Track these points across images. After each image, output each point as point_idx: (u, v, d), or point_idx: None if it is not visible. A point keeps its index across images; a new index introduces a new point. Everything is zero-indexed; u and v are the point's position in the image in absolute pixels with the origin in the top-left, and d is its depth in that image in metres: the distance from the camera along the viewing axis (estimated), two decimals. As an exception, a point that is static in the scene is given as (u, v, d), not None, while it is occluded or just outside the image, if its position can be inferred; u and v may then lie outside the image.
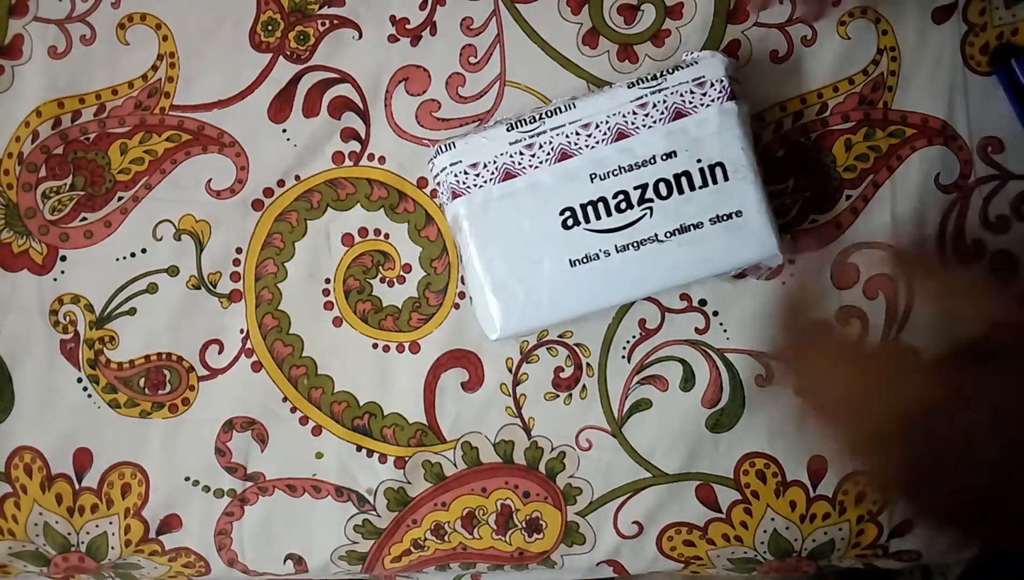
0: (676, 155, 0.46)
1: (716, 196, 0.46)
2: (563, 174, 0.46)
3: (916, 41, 0.51)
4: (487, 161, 0.47)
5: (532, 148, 0.46)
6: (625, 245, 0.46)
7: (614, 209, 0.46)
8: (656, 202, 0.46)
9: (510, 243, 0.47)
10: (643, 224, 0.46)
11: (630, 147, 0.46)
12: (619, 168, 0.46)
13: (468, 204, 0.47)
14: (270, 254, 0.52)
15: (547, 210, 0.46)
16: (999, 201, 0.51)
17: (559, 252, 0.46)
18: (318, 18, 0.51)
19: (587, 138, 0.46)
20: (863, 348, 0.42)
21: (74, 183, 0.52)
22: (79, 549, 0.53)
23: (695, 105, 0.46)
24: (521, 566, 0.54)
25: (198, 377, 0.52)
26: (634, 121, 0.46)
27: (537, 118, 0.47)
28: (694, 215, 0.46)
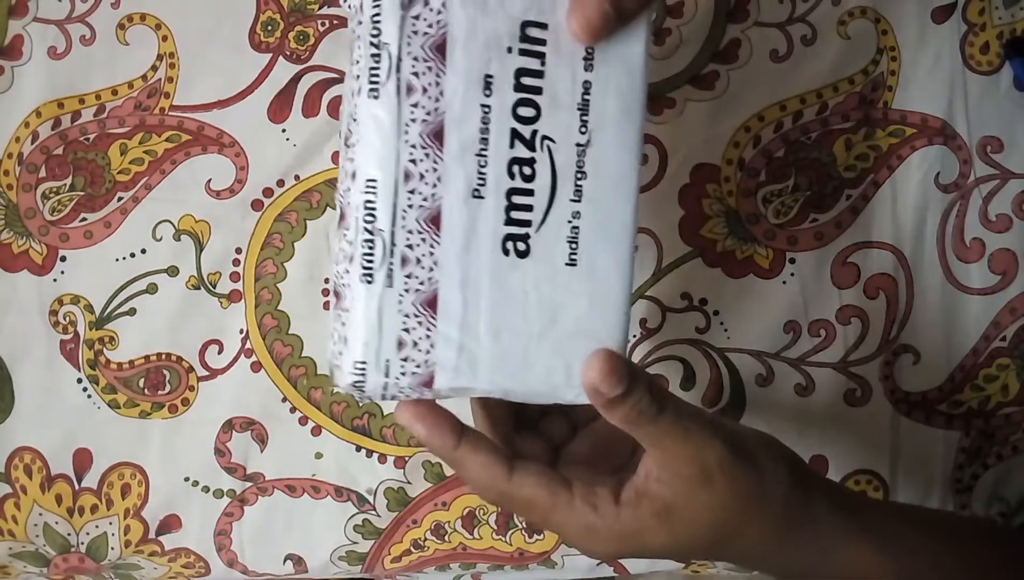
0: (492, 78, 0.32)
1: (558, 46, 0.33)
2: (460, 236, 0.33)
3: (916, 41, 0.51)
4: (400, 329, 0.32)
5: (407, 261, 0.32)
6: (576, 189, 0.34)
7: (523, 180, 0.33)
8: (539, 124, 0.33)
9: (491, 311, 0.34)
10: (560, 152, 0.33)
11: (451, 140, 0.32)
12: (474, 156, 0.32)
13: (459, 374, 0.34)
14: (270, 254, 0.52)
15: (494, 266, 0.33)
16: (999, 200, 0.51)
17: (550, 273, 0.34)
18: (318, 18, 0.51)
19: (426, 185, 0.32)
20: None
21: (74, 183, 0.52)
22: (79, 550, 0.53)
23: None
24: (521, 566, 0.54)
25: (198, 377, 0.52)
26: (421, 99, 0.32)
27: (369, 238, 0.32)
28: (571, 84, 0.33)
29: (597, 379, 0.33)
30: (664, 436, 0.34)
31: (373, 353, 0.32)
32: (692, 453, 0.34)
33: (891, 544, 0.37)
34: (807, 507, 0.36)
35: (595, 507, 0.34)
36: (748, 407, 0.52)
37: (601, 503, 0.34)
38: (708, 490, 0.34)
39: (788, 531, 0.35)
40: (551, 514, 0.35)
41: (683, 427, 0.34)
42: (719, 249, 0.51)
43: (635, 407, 0.33)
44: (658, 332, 0.52)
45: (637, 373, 0.33)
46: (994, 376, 0.52)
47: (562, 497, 0.35)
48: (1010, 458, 0.53)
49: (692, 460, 0.34)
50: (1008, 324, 0.52)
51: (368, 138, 0.32)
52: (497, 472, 0.35)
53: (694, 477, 0.34)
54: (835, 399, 0.52)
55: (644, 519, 0.34)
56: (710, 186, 0.51)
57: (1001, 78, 0.51)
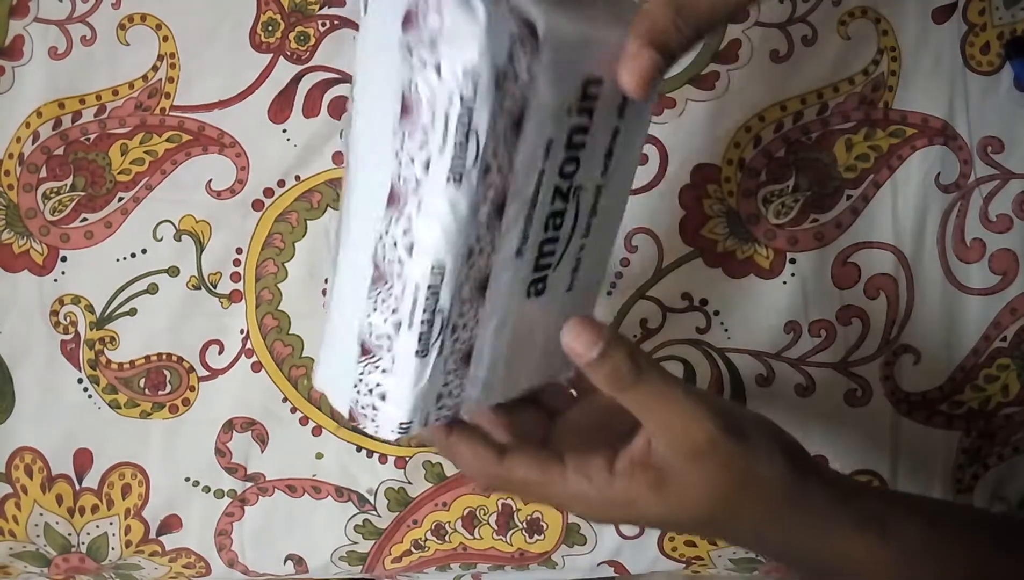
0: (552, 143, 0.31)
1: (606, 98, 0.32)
2: (500, 294, 0.32)
3: (916, 41, 0.51)
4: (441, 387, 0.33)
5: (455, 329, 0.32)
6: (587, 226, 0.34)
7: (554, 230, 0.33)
8: (577, 177, 0.32)
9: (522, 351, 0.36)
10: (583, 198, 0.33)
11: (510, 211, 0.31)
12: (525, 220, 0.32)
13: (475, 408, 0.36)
14: (270, 254, 0.52)
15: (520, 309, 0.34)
16: (1000, 200, 0.51)
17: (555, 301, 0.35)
18: (318, 18, 0.52)
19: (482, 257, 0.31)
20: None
21: (75, 184, 0.52)
22: (79, 550, 0.53)
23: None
24: (522, 566, 0.54)
25: (198, 377, 0.52)
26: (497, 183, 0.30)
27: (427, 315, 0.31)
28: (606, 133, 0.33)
29: (573, 340, 0.34)
30: (651, 401, 0.34)
31: (420, 414, 0.33)
32: (683, 426, 0.34)
33: (891, 532, 0.36)
34: (804, 491, 0.35)
35: (589, 478, 0.35)
36: (748, 407, 0.52)
37: (595, 473, 0.35)
38: (699, 465, 0.34)
39: (784, 512, 0.35)
40: (546, 490, 0.36)
41: (671, 394, 0.34)
42: (720, 249, 0.51)
43: (616, 370, 0.34)
44: (658, 332, 0.52)
45: (614, 337, 0.34)
46: (995, 376, 0.52)
47: (555, 472, 0.35)
48: (1011, 458, 0.53)
49: (684, 433, 0.34)
50: (1008, 324, 0.52)
51: (440, 223, 0.29)
52: (488, 457, 0.36)
53: (686, 451, 0.34)
54: (836, 399, 0.52)
55: (637, 489, 0.35)
56: (711, 186, 0.51)
57: (1002, 78, 0.51)
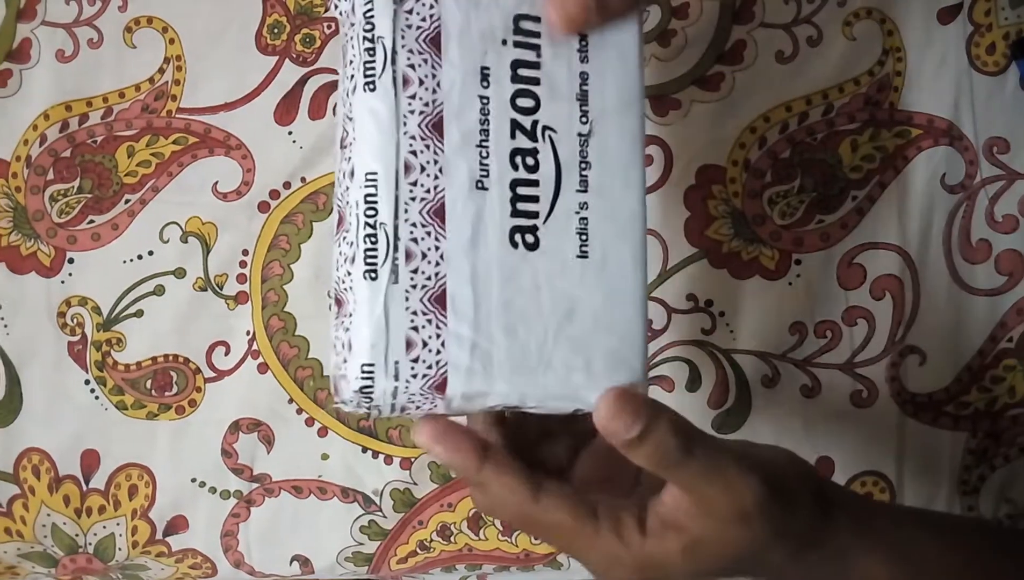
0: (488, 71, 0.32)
1: (552, 41, 0.33)
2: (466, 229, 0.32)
3: (922, 41, 0.51)
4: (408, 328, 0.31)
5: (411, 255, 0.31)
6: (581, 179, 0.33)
7: (527, 171, 0.32)
8: (539, 115, 0.32)
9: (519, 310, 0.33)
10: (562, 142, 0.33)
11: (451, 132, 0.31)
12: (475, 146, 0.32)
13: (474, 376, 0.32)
14: (276, 256, 0.52)
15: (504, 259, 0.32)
16: (1005, 201, 0.51)
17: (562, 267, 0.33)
18: (324, 20, 0.52)
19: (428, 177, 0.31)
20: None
21: (81, 186, 0.52)
22: (87, 550, 0.54)
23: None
24: (527, 567, 0.54)
25: (204, 379, 0.52)
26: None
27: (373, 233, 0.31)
28: (568, 75, 0.33)
29: (607, 419, 0.30)
30: (697, 479, 0.31)
31: (381, 354, 0.30)
32: (729, 495, 0.31)
33: (905, 555, 0.36)
34: (827, 525, 0.35)
35: (620, 536, 0.32)
36: (754, 408, 0.52)
37: (627, 532, 0.32)
38: (743, 528, 0.32)
39: (809, 553, 0.35)
40: (575, 540, 0.33)
41: (720, 470, 0.31)
42: (725, 250, 0.51)
43: (658, 449, 0.30)
44: (664, 333, 0.52)
45: (656, 411, 0.30)
46: (1001, 377, 0.52)
47: (588, 524, 0.33)
48: (1017, 459, 0.53)
49: (729, 502, 0.31)
50: (1015, 325, 0.52)
51: (366, 132, 0.31)
52: (523, 495, 0.32)
53: (729, 517, 0.32)
54: (841, 400, 0.52)
55: (670, 552, 0.32)
56: (716, 187, 0.51)
57: (1007, 79, 0.51)
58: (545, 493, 0.33)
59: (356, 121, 0.32)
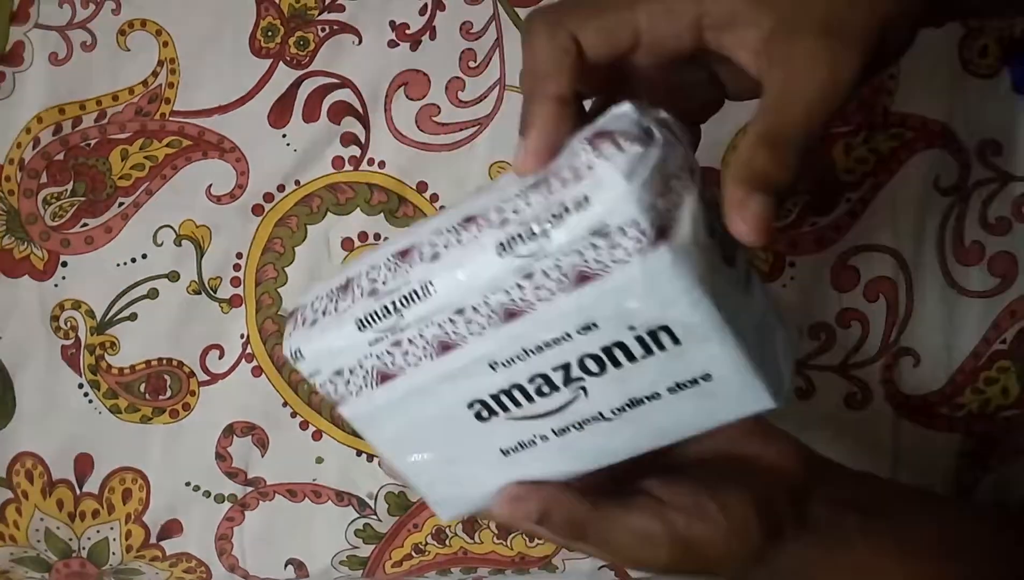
0: (597, 326, 0.31)
1: (670, 362, 0.31)
2: (452, 369, 0.32)
3: (915, 44, 0.51)
4: (350, 367, 0.33)
5: (400, 345, 0.32)
6: (564, 427, 0.34)
7: (535, 394, 0.33)
8: (588, 379, 0.32)
9: (426, 443, 0.35)
10: (579, 404, 0.33)
11: (527, 330, 0.31)
12: (523, 352, 0.32)
13: (353, 413, 0.35)
14: (270, 259, 0.52)
15: (450, 406, 0.33)
16: (999, 203, 0.51)
17: (484, 445, 0.34)
18: (318, 24, 0.52)
19: (466, 325, 0.31)
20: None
21: (75, 189, 0.52)
22: (80, 555, 0.53)
23: (604, 264, 0.29)
24: (522, 570, 0.54)
25: (199, 382, 0.52)
26: (522, 297, 0.30)
27: (391, 310, 0.32)
28: (644, 387, 0.32)
29: (505, 510, 0.35)
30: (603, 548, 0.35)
31: (314, 363, 0.34)
32: (637, 559, 0.35)
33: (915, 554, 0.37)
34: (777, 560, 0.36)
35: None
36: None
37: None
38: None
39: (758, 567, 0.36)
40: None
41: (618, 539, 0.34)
42: (719, 253, 0.51)
43: (554, 532, 0.34)
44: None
45: (549, 500, 0.34)
46: (994, 379, 0.52)
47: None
48: (1011, 461, 0.53)
49: (640, 563, 0.35)
50: (1008, 327, 0.52)
51: (464, 262, 0.31)
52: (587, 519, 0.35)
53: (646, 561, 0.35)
54: (835, 402, 0.52)
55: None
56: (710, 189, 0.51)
57: (1000, 81, 0.51)
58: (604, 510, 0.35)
59: (474, 242, 0.31)
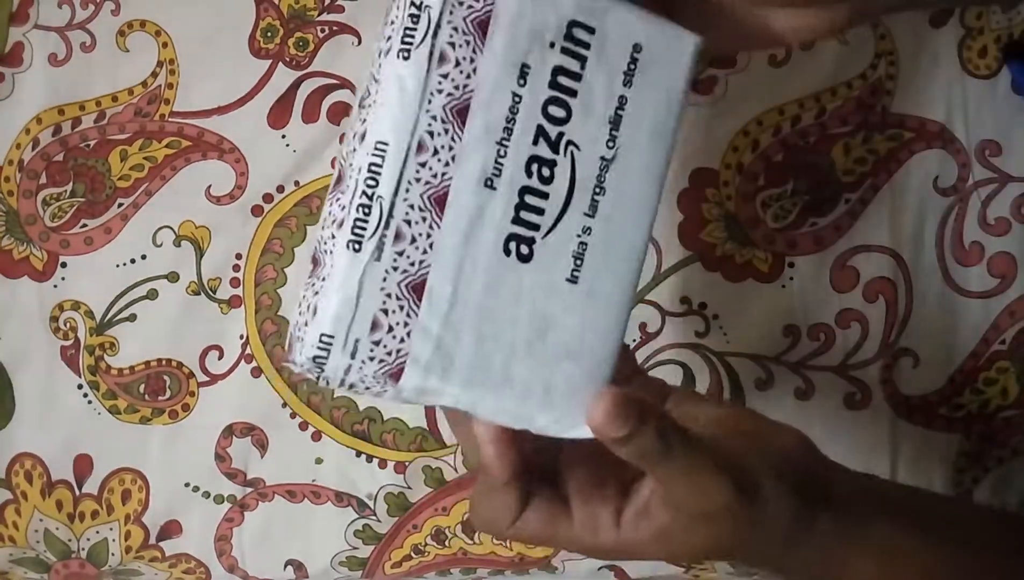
0: (528, 66, 0.30)
1: (603, 59, 0.31)
2: (464, 218, 0.31)
3: (914, 45, 0.51)
4: (381, 304, 0.30)
5: (402, 235, 0.30)
6: (590, 203, 0.32)
7: (542, 184, 0.31)
8: (566, 129, 0.31)
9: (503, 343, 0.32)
10: (581, 165, 0.32)
11: (483, 118, 0.30)
12: (500, 145, 0.31)
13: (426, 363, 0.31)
14: (270, 260, 0.52)
15: (492, 265, 0.31)
16: (998, 203, 0.51)
17: (551, 288, 0.32)
18: (317, 24, 0.52)
19: (436, 158, 0.30)
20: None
21: (74, 190, 0.52)
22: (79, 556, 0.53)
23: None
24: (522, 571, 0.54)
25: (198, 383, 0.52)
26: (454, 85, 0.30)
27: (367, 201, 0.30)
28: (607, 99, 0.32)
29: (601, 421, 0.31)
30: (674, 475, 0.33)
31: (344, 329, 0.29)
32: (697, 494, 0.33)
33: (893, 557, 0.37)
34: (808, 529, 0.35)
35: (595, 532, 0.34)
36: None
37: (601, 528, 0.34)
38: (708, 526, 0.34)
39: (785, 550, 0.36)
40: (553, 543, 0.36)
41: (696, 469, 0.33)
42: (718, 253, 0.52)
43: (640, 447, 0.32)
44: (658, 336, 0.52)
45: (645, 412, 0.31)
46: (994, 379, 0.52)
47: (562, 528, 0.35)
48: (1010, 461, 0.53)
49: (696, 500, 0.33)
50: (1007, 327, 0.52)
51: (388, 99, 0.30)
52: (509, 517, 0.34)
53: (696, 514, 0.33)
54: (835, 403, 0.52)
55: (641, 540, 0.34)
56: (709, 190, 0.51)
57: (999, 82, 0.51)
58: (528, 511, 0.34)
59: (381, 85, 0.30)
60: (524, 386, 0.32)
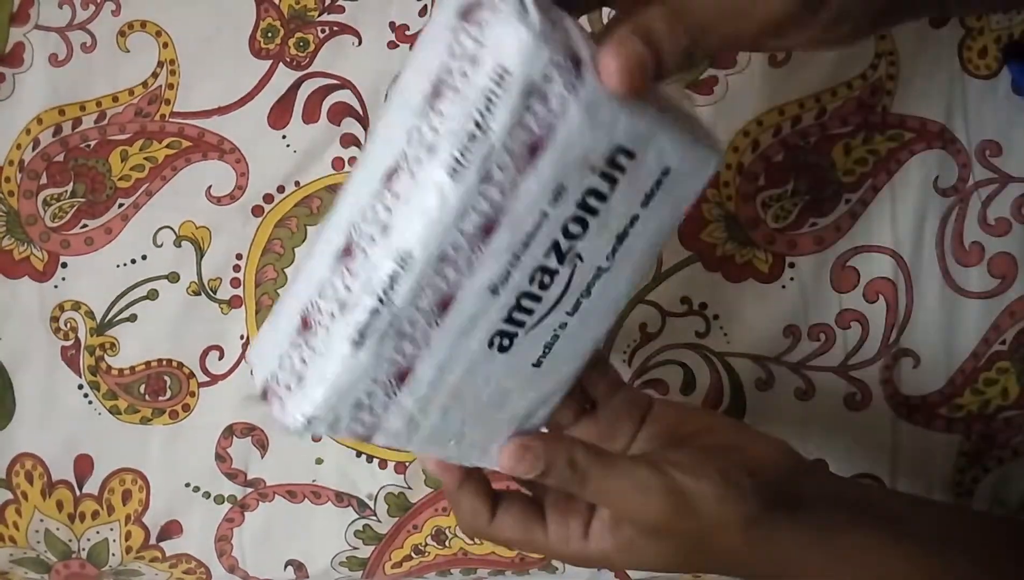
0: (565, 188, 0.30)
1: (632, 181, 0.31)
2: (461, 321, 0.31)
3: (914, 45, 0.51)
4: (368, 390, 0.31)
5: (403, 334, 0.31)
6: (575, 303, 0.33)
7: (540, 290, 0.32)
8: (578, 244, 0.32)
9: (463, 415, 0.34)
10: (579, 273, 0.33)
11: (509, 233, 0.30)
12: (514, 257, 0.31)
13: (389, 432, 0.33)
14: (270, 260, 0.52)
15: (474, 359, 0.32)
16: (998, 204, 0.51)
17: (518, 371, 0.34)
18: (318, 25, 0.52)
19: (453, 268, 0.30)
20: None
21: (75, 190, 0.52)
22: (80, 556, 0.53)
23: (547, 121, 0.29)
24: (522, 571, 0.54)
25: (198, 383, 0.52)
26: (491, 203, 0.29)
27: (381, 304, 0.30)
28: (623, 217, 0.32)
29: (508, 466, 0.35)
30: (603, 493, 0.35)
31: (330, 413, 0.31)
32: (637, 509, 0.35)
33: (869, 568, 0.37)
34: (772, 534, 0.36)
35: (566, 542, 0.37)
36: (748, 411, 0.52)
37: (572, 537, 0.37)
38: (655, 541, 0.36)
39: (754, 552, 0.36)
40: (527, 547, 0.38)
41: (619, 485, 0.35)
42: (718, 253, 0.52)
43: (557, 479, 0.35)
44: (658, 337, 0.52)
45: (551, 452, 0.35)
46: (994, 380, 0.52)
47: (537, 534, 0.37)
48: (1010, 461, 0.53)
49: (639, 514, 0.35)
50: (1008, 327, 0.52)
51: (424, 208, 0.29)
52: (482, 518, 0.37)
53: (640, 529, 0.36)
54: (835, 403, 0.52)
55: (609, 550, 0.37)
56: (709, 191, 0.51)
57: (999, 82, 0.51)
58: (498, 517, 0.37)
59: (419, 188, 0.29)
60: (469, 443, 0.35)
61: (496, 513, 0.37)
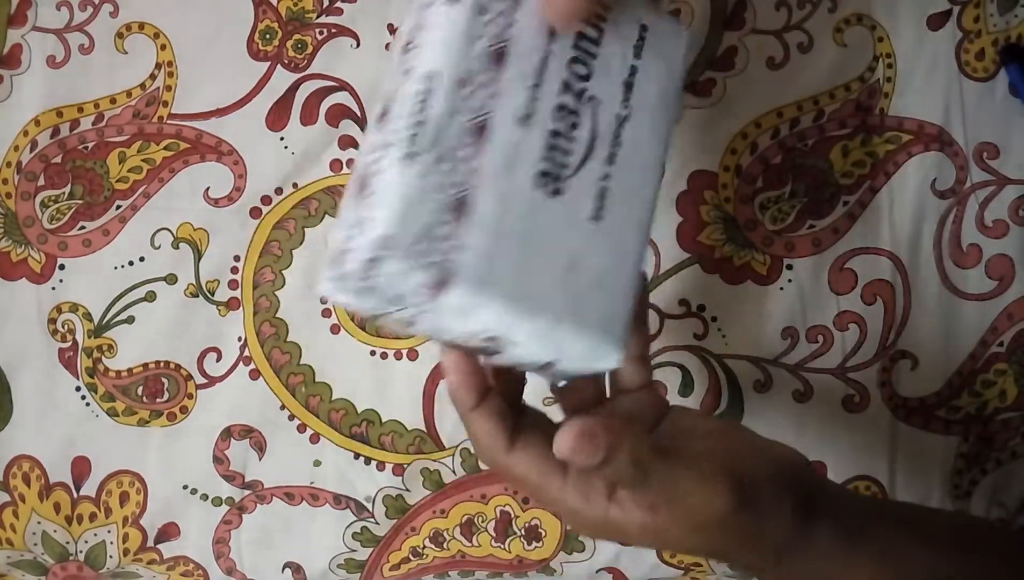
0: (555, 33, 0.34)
1: (616, 26, 0.36)
2: (501, 148, 0.32)
3: (912, 48, 0.51)
4: (427, 221, 0.31)
5: (444, 159, 0.31)
6: (610, 153, 0.35)
7: (569, 129, 0.34)
8: (588, 85, 0.34)
9: (538, 267, 0.33)
10: (600, 117, 0.35)
11: (519, 62, 0.33)
12: (533, 88, 0.33)
13: (469, 275, 0.31)
14: (268, 262, 0.52)
15: (525, 196, 0.32)
16: (996, 206, 0.51)
17: (575, 223, 0.34)
18: (316, 27, 0.52)
19: (477, 93, 0.32)
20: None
21: (72, 192, 0.52)
22: (77, 558, 0.53)
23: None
24: (520, 574, 0.54)
25: (196, 385, 0.52)
26: (496, 30, 0.33)
27: (418, 119, 0.32)
28: (621, 62, 0.36)
29: (569, 452, 0.31)
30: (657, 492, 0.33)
31: (403, 229, 0.30)
32: (688, 508, 0.33)
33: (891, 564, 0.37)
34: (808, 540, 0.36)
35: (587, 498, 0.34)
36: (746, 413, 0.52)
37: (593, 496, 0.34)
38: (701, 535, 0.34)
39: (783, 559, 0.36)
40: (541, 494, 0.35)
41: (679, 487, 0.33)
42: (717, 255, 0.52)
43: (615, 473, 0.32)
44: (657, 338, 0.52)
45: (617, 440, 0.31)
46: (992, 381, 0.52)
47: (554, 482, 0.34)
48: (1008, 463, 0.53)
49: (688, 513, 0.33)
50: (1005, 329, 0.52)
51: (438, 37, 0.33)
52: (499, 443, 0.35)
53: (689, 525, 0.34)
54: (833, 405, 0.52)
55: (630, 524, 0.34)
56: (708, 193, 0.51)
57: (997, 84, 0.51)
58: (518, 447, 0.35)
59: (429, 28, 0.33)
60: (557, 314, 0.33)
61: (516, 444, 0.35)
